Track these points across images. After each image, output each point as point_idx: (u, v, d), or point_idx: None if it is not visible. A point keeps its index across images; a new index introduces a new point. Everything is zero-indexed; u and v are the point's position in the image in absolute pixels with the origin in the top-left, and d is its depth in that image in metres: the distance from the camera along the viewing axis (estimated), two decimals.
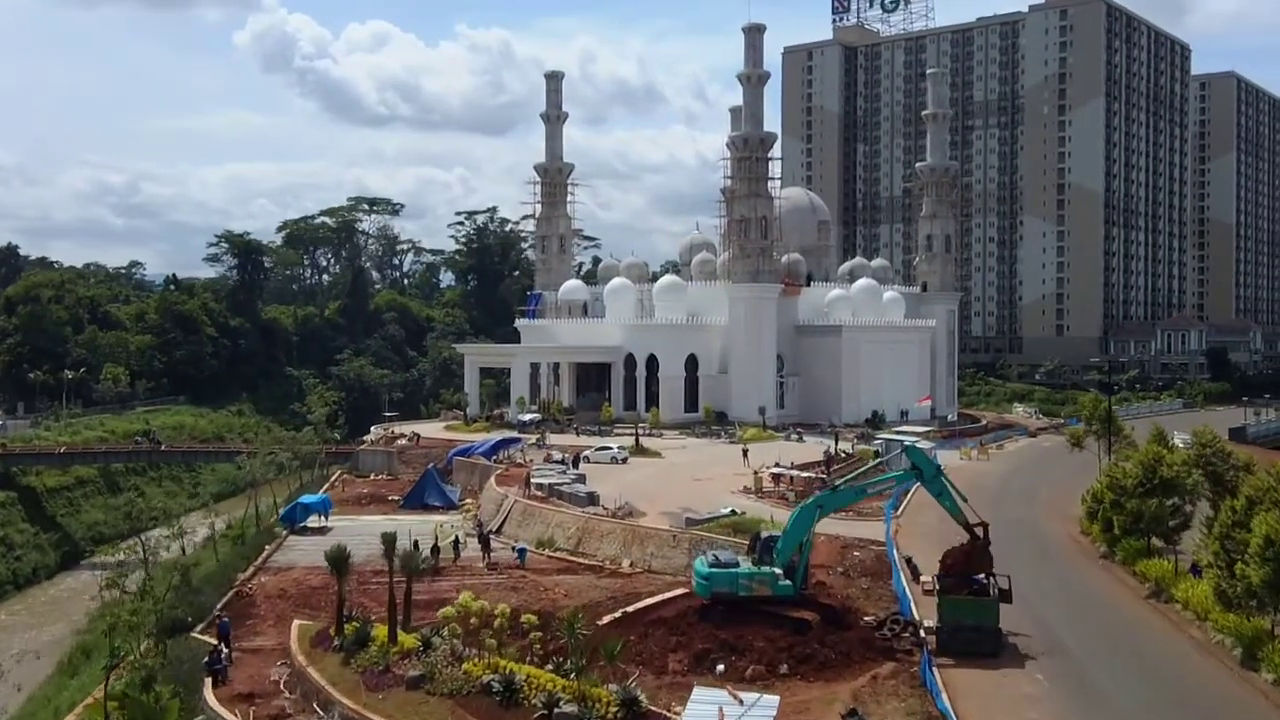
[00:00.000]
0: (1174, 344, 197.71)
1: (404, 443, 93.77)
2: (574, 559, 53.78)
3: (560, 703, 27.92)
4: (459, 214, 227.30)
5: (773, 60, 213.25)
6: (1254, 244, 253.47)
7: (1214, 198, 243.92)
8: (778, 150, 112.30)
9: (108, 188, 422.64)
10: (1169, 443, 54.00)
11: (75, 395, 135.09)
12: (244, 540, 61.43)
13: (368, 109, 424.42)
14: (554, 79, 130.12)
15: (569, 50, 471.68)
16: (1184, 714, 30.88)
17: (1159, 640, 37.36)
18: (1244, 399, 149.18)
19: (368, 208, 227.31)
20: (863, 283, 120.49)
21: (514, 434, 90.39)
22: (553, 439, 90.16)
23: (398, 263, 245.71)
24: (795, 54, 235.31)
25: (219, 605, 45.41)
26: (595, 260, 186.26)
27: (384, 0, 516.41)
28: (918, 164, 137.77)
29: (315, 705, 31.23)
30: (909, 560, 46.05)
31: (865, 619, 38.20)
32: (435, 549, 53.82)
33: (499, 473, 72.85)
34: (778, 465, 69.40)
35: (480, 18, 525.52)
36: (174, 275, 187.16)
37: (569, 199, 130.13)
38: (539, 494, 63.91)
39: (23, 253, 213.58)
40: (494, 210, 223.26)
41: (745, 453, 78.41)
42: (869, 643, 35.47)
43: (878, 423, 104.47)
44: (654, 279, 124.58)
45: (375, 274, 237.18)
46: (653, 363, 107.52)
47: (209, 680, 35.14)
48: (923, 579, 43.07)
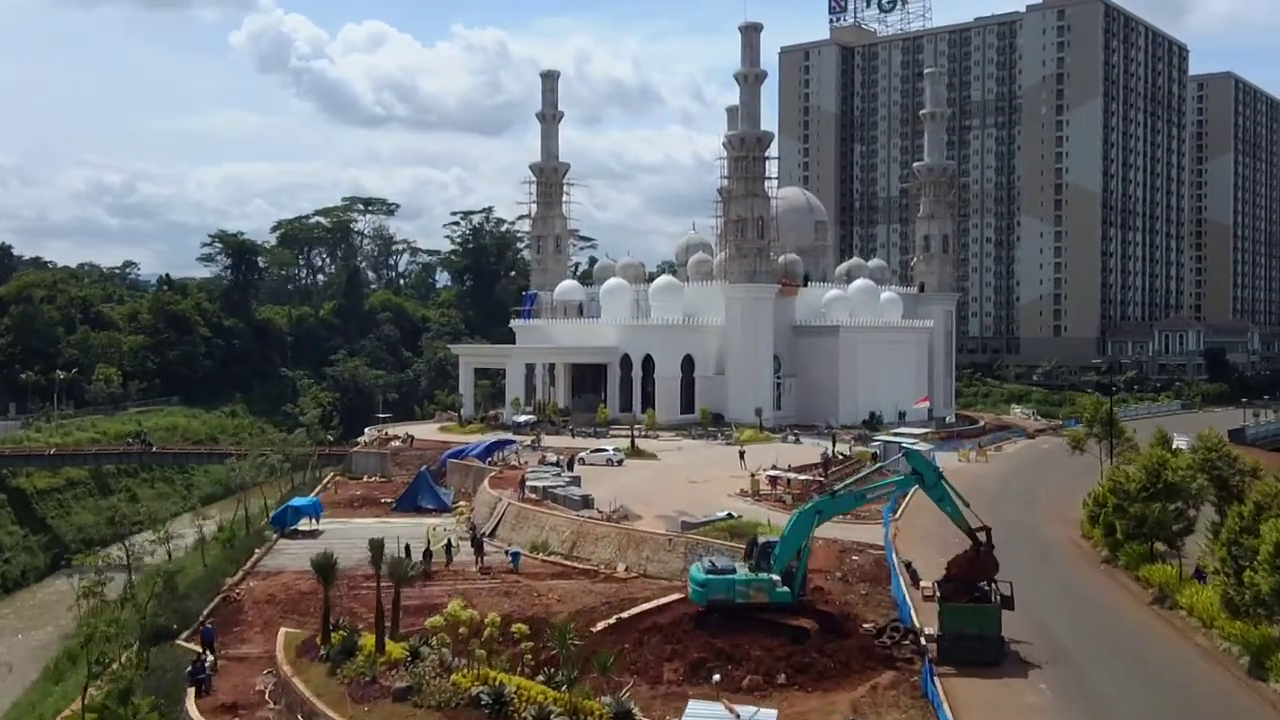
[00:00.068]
0: (1172, 345, 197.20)
1: (397, 444, 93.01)
2: (568, 563, 53.03)
3: (551, 716, 27.11)
4: (454, 214, 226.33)
5: (770, 60, 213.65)
6: (1251, 244, 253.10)
7: (1211, 198, 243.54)
8: (774, 150, 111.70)
9: (104, 188, 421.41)
10: (1172, 445, 53.26)
11: (67, 396, 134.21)
12: (233, 544, 60.59)
13: (364, 109, 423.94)
14: (550, 78, 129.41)
15: (565, 50, 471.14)
16: None
17: (1164, 648, 36.64)
18: (1243, 400, 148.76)
19: (363, 207, 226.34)
20: (860, 283, 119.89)
21: (508, 435, 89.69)
22: (548, 440, 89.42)
23: (393, 263, 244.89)
24: (792, 54, 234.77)
25: (205, 611, 44.54)
26: (591, 260, 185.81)
27: (380, 1, 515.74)
28: (915, 164, 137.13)
29: (300, 717, 30.40)
30: (908, 565, 45.34)
31: (864, 626, 37.45)
32: (427, 553, 53.09)
33: (493, 475, 72.04)
34: (775, 467, 68.69)
35: (476, 18, 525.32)
36: (167, 275, 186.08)
37: (565, 199, 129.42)
38: (533, 497, 63.13)
39: (16, 252, 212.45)
40: (490, 210, 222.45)
41: (742, 454, 77.56)
42: (868, 651, 34.70)
43: (875, 424, 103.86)
44: (650, 279, 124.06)
45: (371, 274, 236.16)
46: (649, 363, 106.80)
47: (192, 690, 34.30)
48: (922, 584, 42.42)
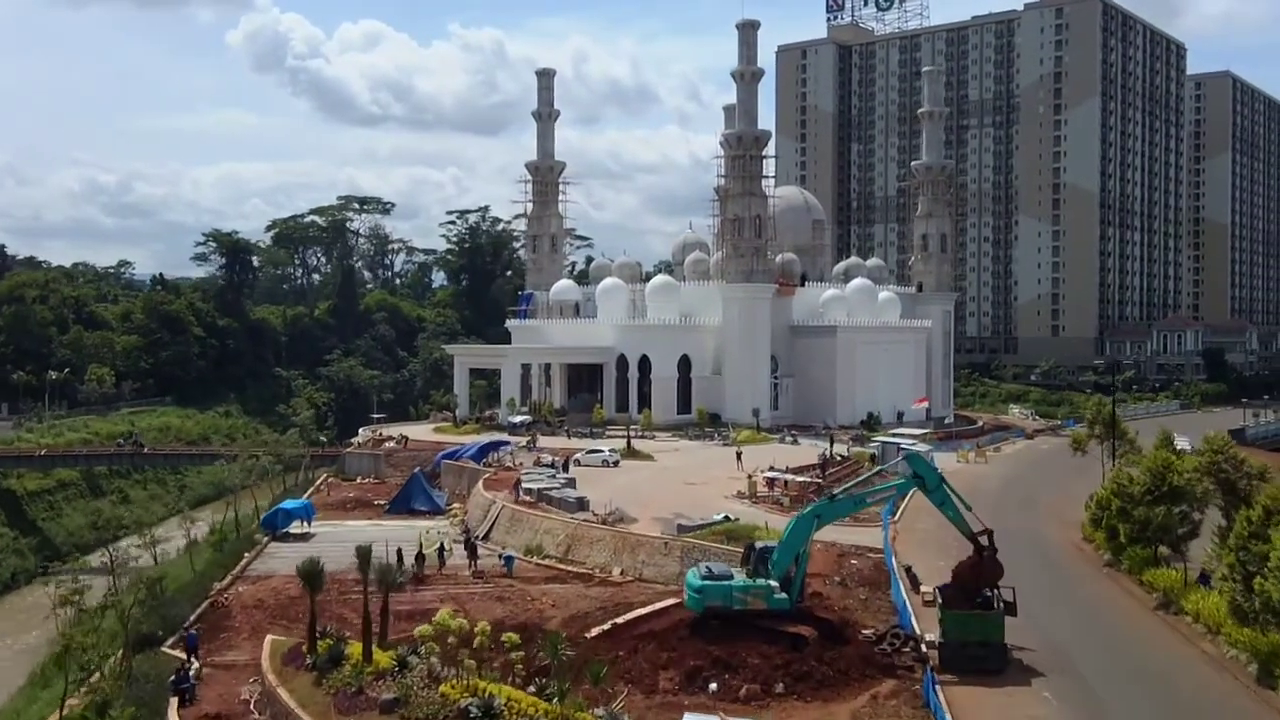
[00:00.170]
0: (1170, 344, 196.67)
1: (391, 445, 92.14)
2: (563, 567, 52.19)
3: None
4: (450, 213, 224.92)
5: (767, 59, 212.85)
6: (1249, 244, 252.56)
7: (1209, 198, 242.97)
8: (772, 148, 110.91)
9: (100, 187, 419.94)
10: (1178, 449, 52.55)
11: (60, 396, 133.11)
12: (223, 547, 59.74)
13: (360, 109, 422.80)
14: (545, 76, 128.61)
15: (562, 50, 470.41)
16: None
17: (1170, 655, 35.90)
18: (1243, 400, 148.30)
19: (358, 207, 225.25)
20: (858, 283, 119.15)
21: (504, 436, 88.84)
22: (543, 441, 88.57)
23: (389, 263, 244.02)
24: (789, 53, 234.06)
25: (192, 617, 43.63)
26: (588, 260, 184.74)
27: (377, 0, 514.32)
28: (913, 162, 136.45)
29: None
30: (908, 569, 44.45)
31: (864, 632, 36.68)
32: (420, 556, 52.27)
33: (487, 477, 71.20)
34: (772, 469, 67.89)
35: (473, 17, 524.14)
36: (160, 275, 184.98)
37: (561, 198, 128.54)
38: (528, 499, 62.27)
39: (10, 252, 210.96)
40: (486, 210, 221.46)
41: (739, 456, 76.68)
42: (868, 659, 33.95)
43: (873, 424, 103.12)
44: (647, 279, 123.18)
45: (367, 274, 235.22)
46: (645, 364, 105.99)
47: (175, 700, 33.40)
48: (923, 589, 41.61)
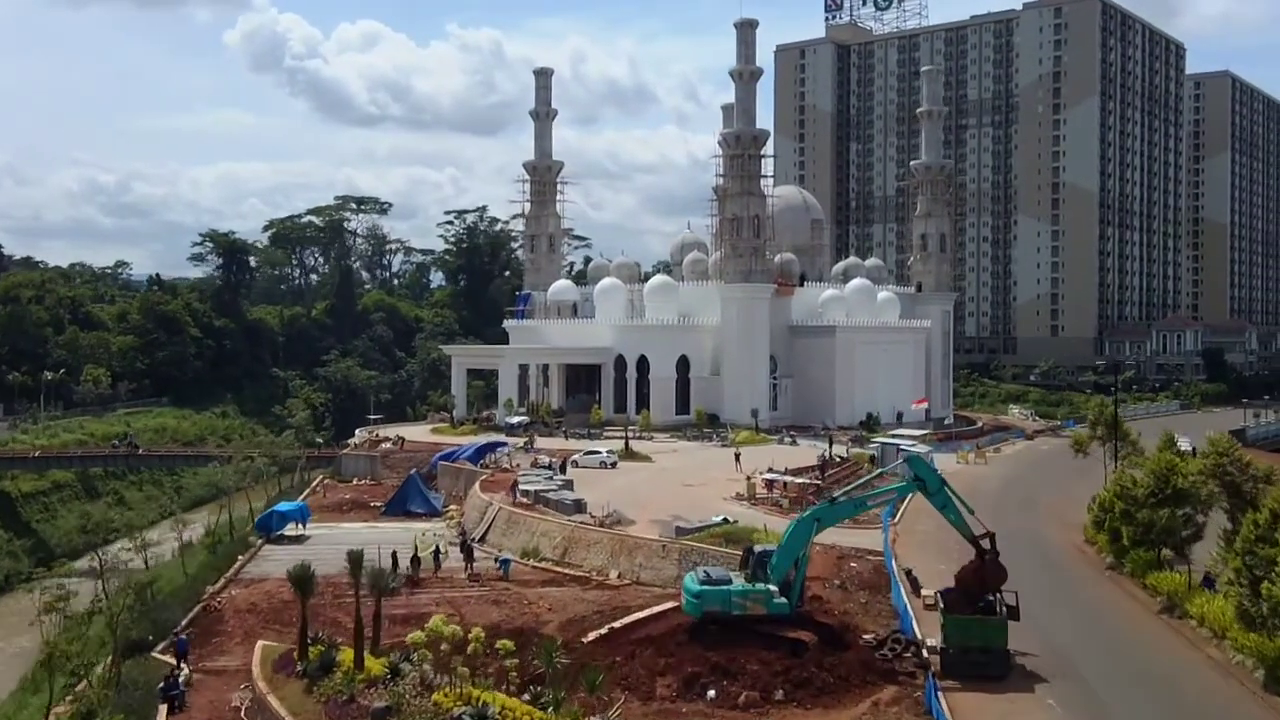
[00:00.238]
0: (1169, 345, 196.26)
1: (388, 446, 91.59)
2: (560, 570, 51.69)
3: None
4: (448, 213, 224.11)
5: (765, 59, 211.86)
6: (1248, 244, 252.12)
7: (1208, 197, 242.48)
8: (770, 148, 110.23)
9: (99, 187, 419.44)
10: (1180, 449, 52.04)
11: (55, 397, 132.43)
12: (216, 550, 59.16)
13: (358, 109, 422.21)
14: (543, 75, 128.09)
15: (560, 50, 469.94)
16: None
17: (1175, 660, 35.38)
18: (1244, 400, 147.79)
19: (355, 206, 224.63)
20: (857, 283, 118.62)
21: (501, 438, 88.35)
22: (541, 442, 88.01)
23: (387, 263, 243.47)
24: (788, 52, 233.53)
25: (183, 622, 43.05)
26: (586, 260, 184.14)
27: (374, 0, 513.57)
28: (912, 162, 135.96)
29: None
30: (908, 572, 44.11)
31: (864, 637, 36.15)
32: (415, 559, 51.79)
33: (484, 478, 70.70)
34: (771, 471, 67.35)
35: (471, 18, 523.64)
36: (157, 275, 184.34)
37: (558, 198, 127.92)
38: (525, 501, 61.77)
39: (7, 252, 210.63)
40: (484, 210, 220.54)
41: (738, 457, 76.11)
42: (869, 665, 33.42)
43: (872, 425, 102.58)
44: (645, 279, 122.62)
45: (365, 274, 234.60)
46: (643, 364, 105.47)
47: (164, 708, 32.85)
48: (924, 593, 41.15)
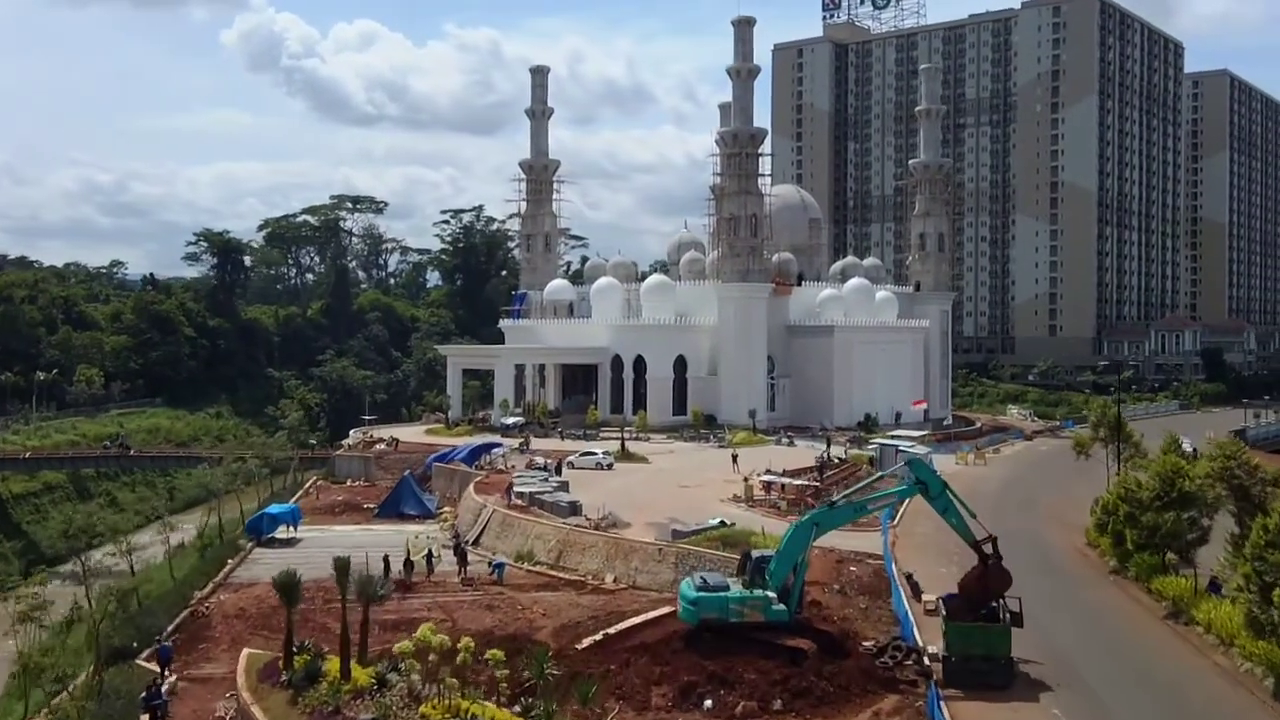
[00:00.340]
0: (1168, 344, 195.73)
1: (382, 447, 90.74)
2: (554, 573, 50.85)
3: None
4: (444, 212, 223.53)
5: (763, 58, 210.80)
6: (1246, 243, 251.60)
7: (1207, 197, 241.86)
8: (768, 146, 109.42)
9: (96, 187, 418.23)
10: (1184, 451, 51.29)
11: (48, 398, 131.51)
12: (205, 554, 58.30)
13: (356, 108, 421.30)
14: (539, 74, 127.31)
15: (558, 50, 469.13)
16: None
17: (1182, 667, 34.61)
18: (1243, 401, 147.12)
19: (351, 206, 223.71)
20: (855, 282, 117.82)
21: (496, 438, 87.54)
22: (537, 443, 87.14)
23: (383, 262, 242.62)
24: (785, 51, 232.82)
25: (169, 628, 42.20)
26: (584, 260, 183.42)
27: (372, 0, 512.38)
28: (911, 161, 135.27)
29: None
30: (909, 576, 43.31)
31: (865, 644, 35.34)
32: (408, 563, 51.01)
33: (478, 480, 69.86)
34: (769, 472, 66.54)
35: (468, 17, 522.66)
36: (151, 275, 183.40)
37: (555, 197, 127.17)
38: (520, 503, 60.94)
39: (2, 252, 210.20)
40: (480, 209, 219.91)
41: (735, 458, 75.26)
42: (870, 673, 32.59)
43: (871, 426, 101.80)
44: (642, 279, 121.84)
45: (361, 274, 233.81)
46: (640, 364, 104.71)
47: (146, 717, 32.04)
48: (925, 598, 40.40)
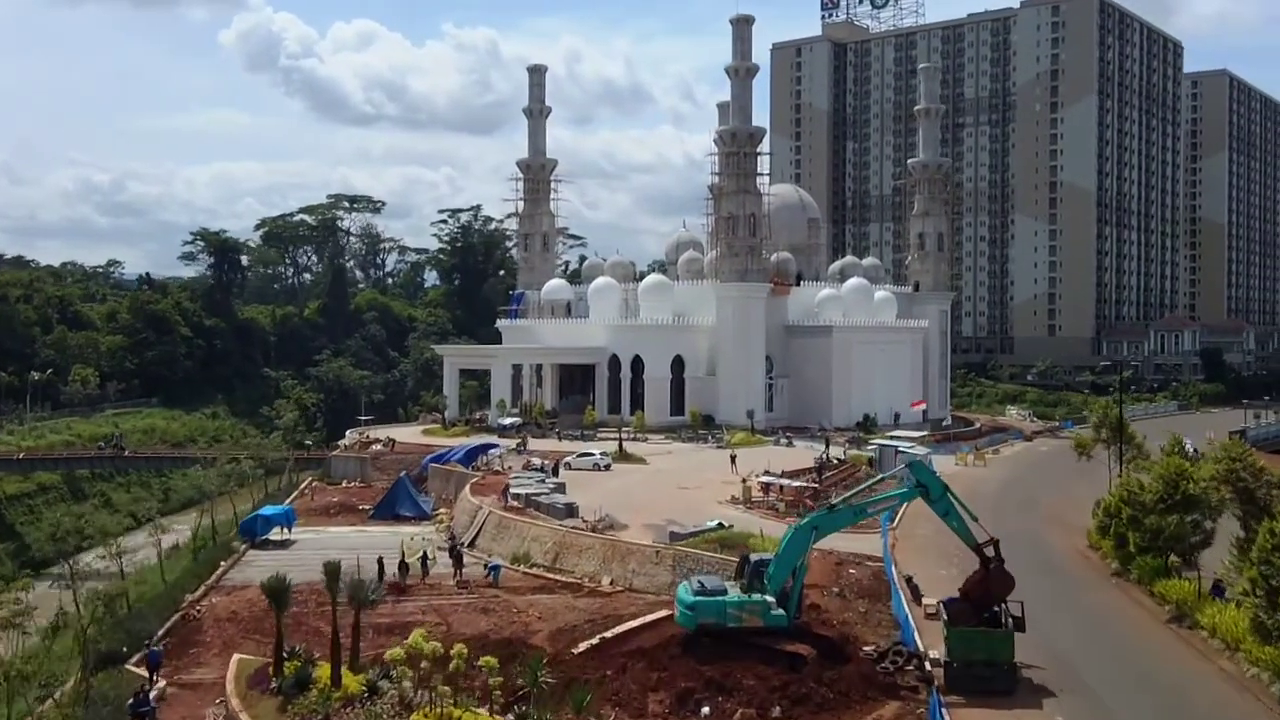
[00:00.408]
0: (1167, 344, 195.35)
1: (378, 448, 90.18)
2: (550, 576, 50.34)
3: None
4: (442, 212, 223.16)
5: (761, 57, 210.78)
6: (1245, 243, 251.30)
7: (1206, 197, 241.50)
8: (766, 146, 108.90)
9: (94, 187, 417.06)
10: (1188, 453, 50.78)
11: (43, 398, 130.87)
12: (198, 556, 57.71)
13: (354, 108, 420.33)
14: (536, 72, 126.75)
15: (556, 50, 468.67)
16: None
17: (1187, 672, 34.10)
18: (1244, 401, 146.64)
19: (348, 205, 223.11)
20: (854, 282, 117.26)
21: (492, 439, 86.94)
22: (534, 443, 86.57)
23: (381, 262, 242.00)
24: (784, 50, 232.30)
25: (159, 632, 41.62)
26: (581, 260, 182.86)
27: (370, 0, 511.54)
28: (910, 160, 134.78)
29: None
30: (909, 579, 42.80)
31: (865, 649, 34.83)
32: (403, 565, 50.48)
33: (475, 481, 69.31)
34: (767, 473, 65.97)
35: (467, 17, 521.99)
36: (147, 274, 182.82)
37: (553, 196, 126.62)
38: (516, 504, 60.43)
39: None
40: (478, 208, 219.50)
41: (733, 459, 74.74)
42: (870, 679, 32.08)
43: (870, 426, 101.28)
44: (640, 278, 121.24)
45: (359, 273, 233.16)
46: (638, 364, 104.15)
47: None
48: (925, 601, 39.89)
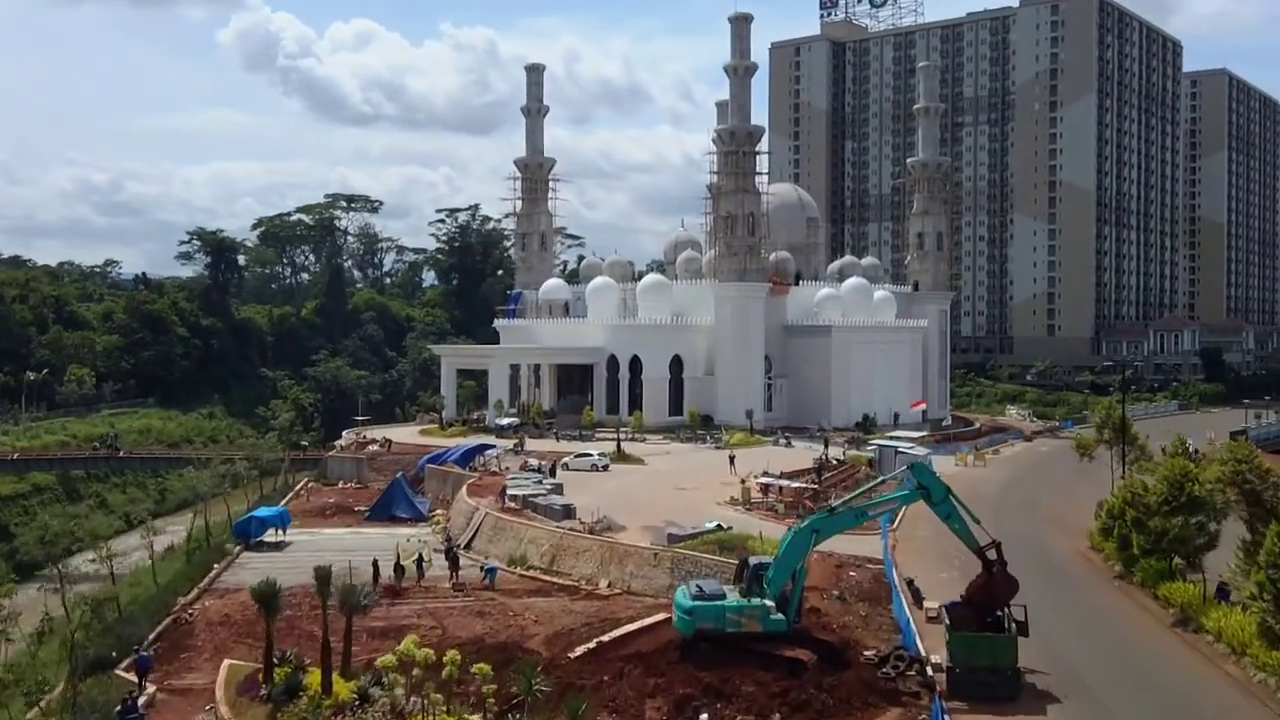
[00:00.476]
0: (1167, 344, 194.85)
1: (375, 449, 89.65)
2: (547, 578, 49.77)
3: None
4: (440, 211, 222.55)
5: (760, 56, 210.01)
6: (1244, 243, 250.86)
7: (1205, 196, 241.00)
8: (765, 145, 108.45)
9: (92, 186, 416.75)
10: (1193, 454, 50.27)
11: (39, 398, 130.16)
12: (190, 558, 57.13)
13: (352, 108, 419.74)
14: (534, 71, 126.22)
15: (554, 49, 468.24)
16: None
17: (1192, 677, 33.61)
18: (1244, 401, 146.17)
19: (346, 205, 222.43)
20: (853, 282, 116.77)
21: (490, 440, 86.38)
22: (531, 444, 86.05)
23: (379, 262, 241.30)
24: (783, 50, 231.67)
25: (150, 636, 41.04)
26: (580, 259, 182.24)
27: None
28: (909, 159, 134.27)
29: None
30: (910, 582, 42.33)
31: (866, 654, 34.27)
32: (398, 567, 49.91)
33: (471, 482, 68.74)
34: (766, 474, 65.48)
35: (465, 17, 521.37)
36: (144, 274, 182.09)
37: (551, 196, 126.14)
38: (513, 506, 59.86)
39: None
40: (476, 208, 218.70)
41: (732, 459, 74.19)
42: (871, 684, 31.55)
43: (869, 427, 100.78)
44: (638, 278, 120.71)
45: (357, 273, 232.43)
46: (636, 364, 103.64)
47: None
48: (926, 605, 39.41)
